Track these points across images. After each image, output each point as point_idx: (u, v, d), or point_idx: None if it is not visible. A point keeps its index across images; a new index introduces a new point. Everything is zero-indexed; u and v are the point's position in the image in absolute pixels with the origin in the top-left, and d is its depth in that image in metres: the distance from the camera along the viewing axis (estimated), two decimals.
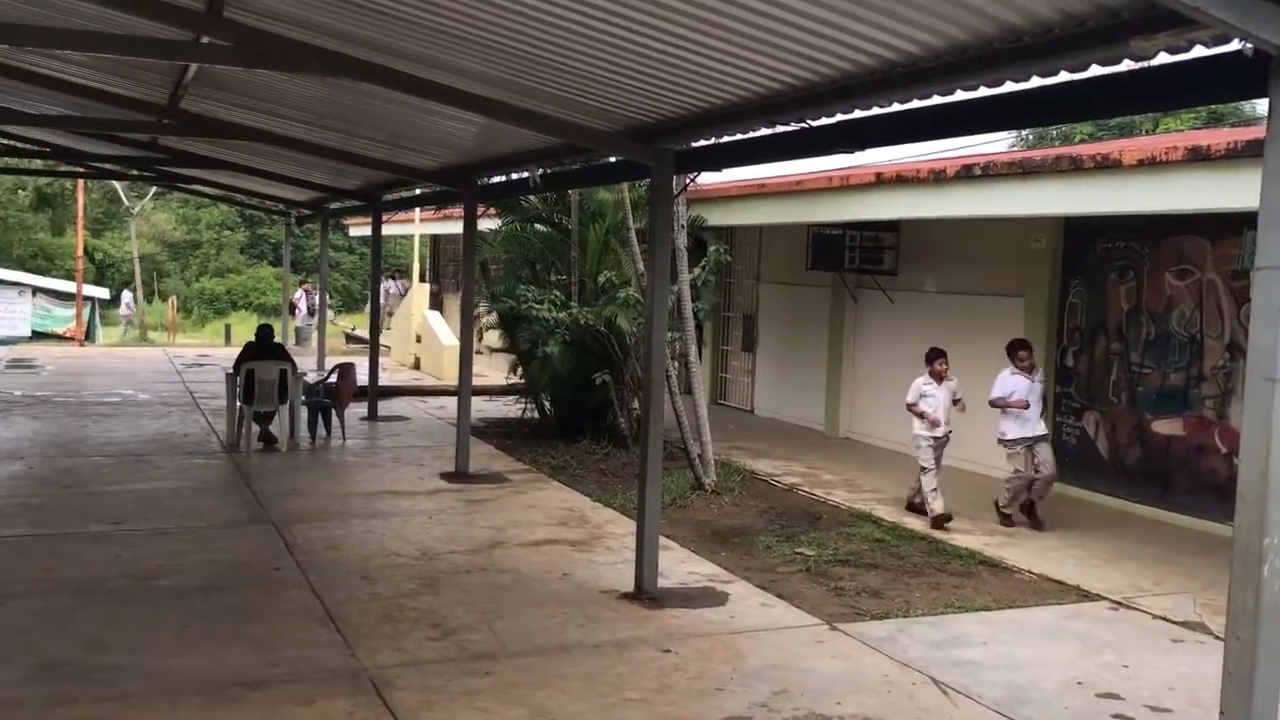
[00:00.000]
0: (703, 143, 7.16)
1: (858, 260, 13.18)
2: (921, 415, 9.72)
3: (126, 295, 36.39)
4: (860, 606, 7.29)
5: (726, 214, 13.88)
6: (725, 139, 6.84)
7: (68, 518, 9.04)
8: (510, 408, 14.79)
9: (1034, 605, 7.49)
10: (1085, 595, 7.72)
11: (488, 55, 6.46)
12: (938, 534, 9.21)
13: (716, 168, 8.65)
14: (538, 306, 12.64)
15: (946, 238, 12.52)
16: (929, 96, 4.97)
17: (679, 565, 8.08)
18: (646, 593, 7.30)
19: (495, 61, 6.57)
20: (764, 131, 6.43)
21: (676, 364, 11.55)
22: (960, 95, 4.80)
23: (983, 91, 4.71)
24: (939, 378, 9.80)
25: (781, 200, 12.83)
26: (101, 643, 6.12)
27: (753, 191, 13.34)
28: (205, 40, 7.25)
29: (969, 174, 9.81)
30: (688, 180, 10.53)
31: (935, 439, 9.70)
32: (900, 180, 10.70)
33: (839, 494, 10.79)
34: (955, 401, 9.78)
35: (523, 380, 14.07)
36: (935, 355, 9.86)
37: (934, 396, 9.76)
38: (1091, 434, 10.92)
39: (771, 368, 15.98)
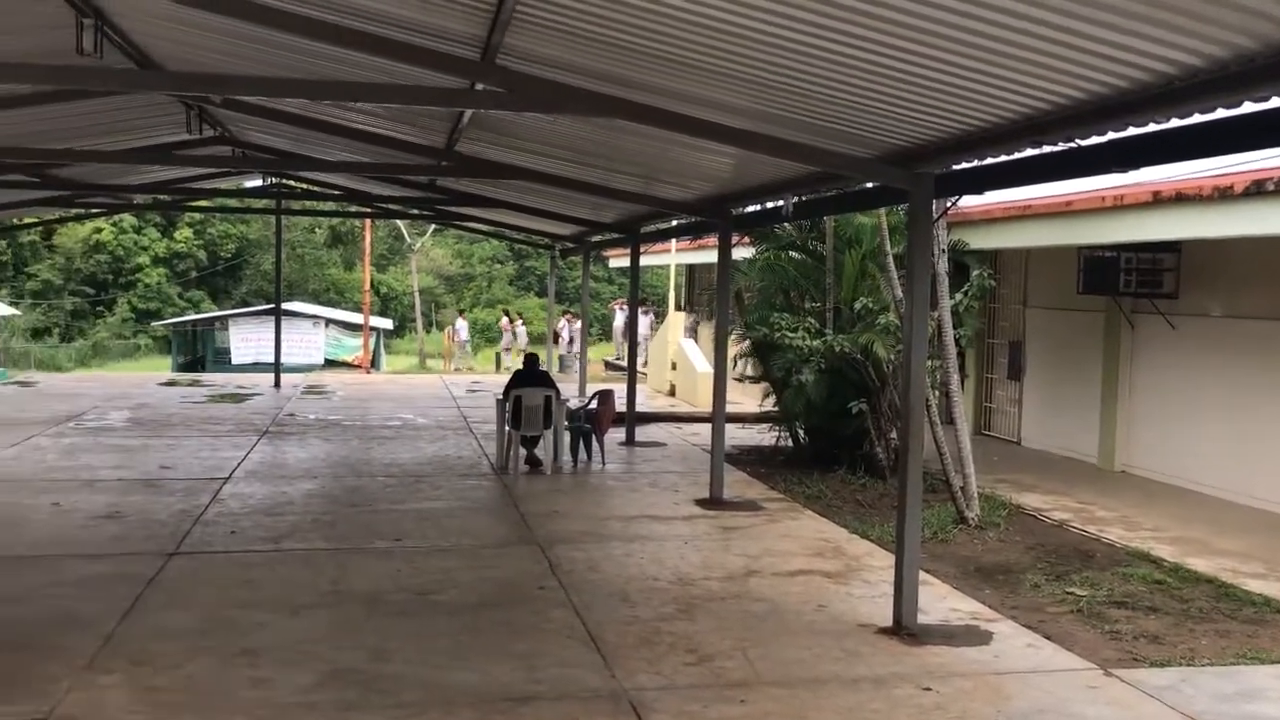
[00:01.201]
0: (963, 165, 6.98)
1: (1134, 283, 12.43)
2: None
3: (461, 324, 38.45)
4: (1138, 652, 6.84)
5: (990, 237, 13.42)
6: (987, 161, 6.64)
7: (355, 534, 9.74)
8: (763, 435, 14.81)
9: None
10: None
11: (742, 88, 6.55)
12: (1227, 578, 8.50)
13: (978, 190, 8.39)
14: (791, 334, 12.62)
15: (1235, 257, 11.61)
16: (1211, 111, 4.65)
17: (940, 601, 7.84)
18: (905, 628, 7.12)
19: (750, 93, 6.66)
20: (1029, 152, 6.19)
21: (937, 393, 11.23)
22: (1249, 108, 4.47)
23: (1276, 103, 4.38)
24: None
25: (1049, 222, 12.29)
26: (384, 653, 6.55)
27: (1018, 213, 12.83)
28: (480, 87, 7.72)
29: (1260, 190, 9.07)
30: (948, 204, 10.26)
31: None
32: (1180, 198, 10.02)
33: (1114, 531, 10.16)
34: None
35: (776, 408, 14.07)
36: None
37: None
38: None
39: (1040, 397, 15.26)
